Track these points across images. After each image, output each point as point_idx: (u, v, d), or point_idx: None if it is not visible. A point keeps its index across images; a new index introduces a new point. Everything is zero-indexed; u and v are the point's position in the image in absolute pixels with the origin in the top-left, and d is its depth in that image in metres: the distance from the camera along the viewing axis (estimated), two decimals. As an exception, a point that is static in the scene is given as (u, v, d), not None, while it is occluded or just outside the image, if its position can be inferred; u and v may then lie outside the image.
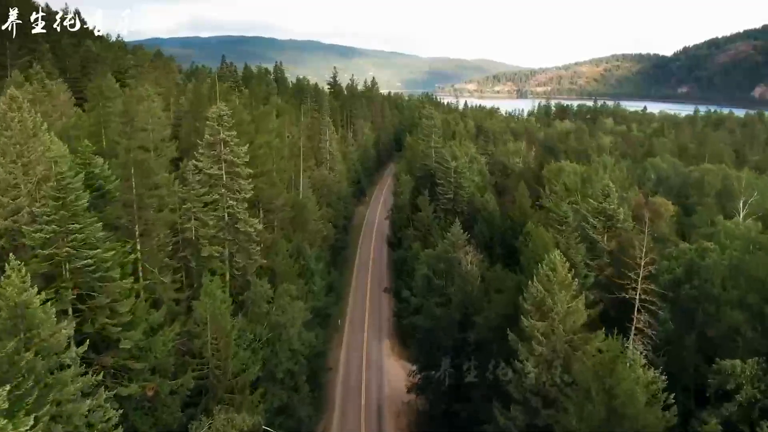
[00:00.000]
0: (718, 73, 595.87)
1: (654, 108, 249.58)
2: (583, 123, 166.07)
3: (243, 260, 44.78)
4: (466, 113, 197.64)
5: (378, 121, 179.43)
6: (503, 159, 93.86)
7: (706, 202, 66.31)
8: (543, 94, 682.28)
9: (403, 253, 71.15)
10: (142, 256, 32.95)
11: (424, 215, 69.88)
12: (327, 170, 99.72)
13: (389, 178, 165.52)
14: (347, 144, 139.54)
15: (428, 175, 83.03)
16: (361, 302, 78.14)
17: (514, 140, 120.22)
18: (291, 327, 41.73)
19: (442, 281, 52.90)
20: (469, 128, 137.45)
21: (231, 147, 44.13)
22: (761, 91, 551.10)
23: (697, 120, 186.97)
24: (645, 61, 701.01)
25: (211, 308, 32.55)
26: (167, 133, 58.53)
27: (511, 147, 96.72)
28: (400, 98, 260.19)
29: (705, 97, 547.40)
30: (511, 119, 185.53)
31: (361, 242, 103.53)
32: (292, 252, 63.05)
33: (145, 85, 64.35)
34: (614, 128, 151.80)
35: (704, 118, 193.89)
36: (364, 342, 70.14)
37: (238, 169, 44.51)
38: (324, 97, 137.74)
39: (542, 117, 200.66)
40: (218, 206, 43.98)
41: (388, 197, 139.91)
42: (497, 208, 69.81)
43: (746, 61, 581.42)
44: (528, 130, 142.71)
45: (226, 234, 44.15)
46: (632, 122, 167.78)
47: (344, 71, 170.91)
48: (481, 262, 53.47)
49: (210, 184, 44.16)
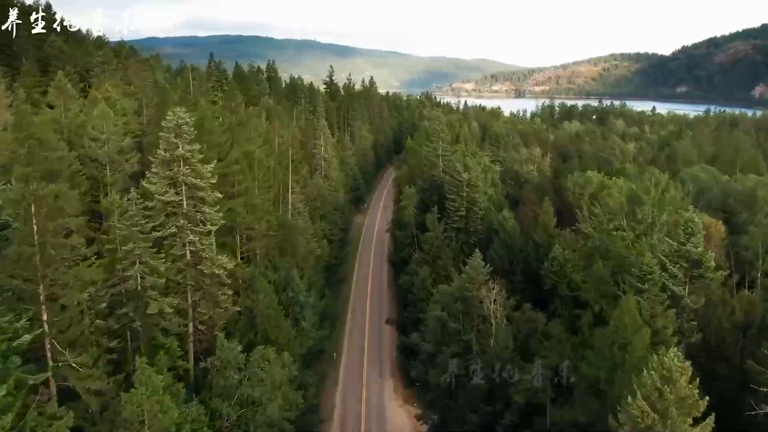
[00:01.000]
0: (717, 72, 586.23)
1: (652, 107, 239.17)
2: (592, 124, 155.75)
3: (208, 310, 34.61)
4: (468, 114, 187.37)
5: (377, 123, 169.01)
6: (516, 167, 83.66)
7: (758, 220, 56.18)
8: (541, 93, 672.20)
9: (408, 279, 60.96)
10: (49, 330, 22.84)
11: (432, 236, 59.74)
12: (322, 178, 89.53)
13: (389, 182, 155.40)
14: (344, 148, 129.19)
15: (435, 187, 72.79)
16: (359, 332, 67.91)
17: (524, 144, 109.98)
18: (269, 402, 31.56)
19: (458, 325, 42.96)
20: (474, 131, 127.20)
21: (193, 165, 33.91)
22: (761, 90, 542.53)
23: (710, 121, 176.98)
24: (643, 60, 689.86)
25: (148, 404, 22.49)
26: (128, 143, 48.20)
27: (524, 153, 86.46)
28: (399, 98, 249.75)
29: (704, 97, 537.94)
30: (517, 121, 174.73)
31: (360, 257, 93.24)
32: (280, 282, 52.94)
33: (105, 85, 54.14)
34: (627, 130, 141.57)
35: (716, 119, 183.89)
36: (363, 381, 59.93)
37: (202, 194, 34.29)
38: (319, 98, 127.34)
39: (547, 117, 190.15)
40: (176, 242, 33.76)
41: (388, 203, 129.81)
42: (517, 228, 59.74)
43: (745, 61, 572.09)
44: (538, 133, 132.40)
45: (186, 278, 33.95)
46: (644, 124, 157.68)
47: (341, 71, 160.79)
48: (506, 299, 43.55)
49: (166, 213, 33.96)
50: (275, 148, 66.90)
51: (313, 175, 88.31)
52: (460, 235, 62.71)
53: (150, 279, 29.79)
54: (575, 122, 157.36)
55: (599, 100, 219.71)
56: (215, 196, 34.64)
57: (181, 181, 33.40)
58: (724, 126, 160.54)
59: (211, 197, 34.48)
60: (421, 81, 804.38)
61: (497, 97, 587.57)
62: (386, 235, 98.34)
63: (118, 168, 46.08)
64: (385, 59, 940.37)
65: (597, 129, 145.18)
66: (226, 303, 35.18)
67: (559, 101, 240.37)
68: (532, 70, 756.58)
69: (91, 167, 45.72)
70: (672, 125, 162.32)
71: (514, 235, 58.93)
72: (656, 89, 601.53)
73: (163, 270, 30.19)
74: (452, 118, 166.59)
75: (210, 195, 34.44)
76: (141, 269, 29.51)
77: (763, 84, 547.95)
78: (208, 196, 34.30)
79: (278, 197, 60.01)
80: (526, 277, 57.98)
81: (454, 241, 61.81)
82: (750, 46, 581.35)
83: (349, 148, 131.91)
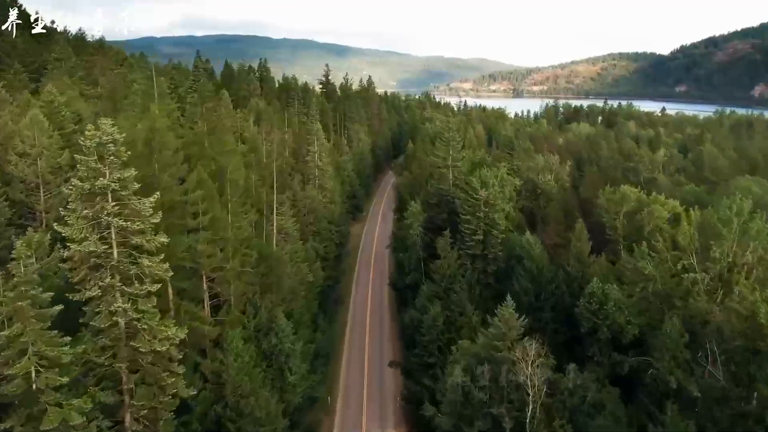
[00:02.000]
0: (717, 71, 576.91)
1: (655, 107, 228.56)
2: (602, 126, 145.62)
3: (148, 401, 24.59)
4: (471, 115, 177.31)
5: (375, 124, 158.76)
6: (533, 177, 73.60)
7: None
8: (539, 93, 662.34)
9: (416, 315, 50.93)
10: None
11: (444, 264, 49.75)
12: (315, 189, 79.45)
13: (388, 186, 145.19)
14: (341, 152, 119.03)
15: (445, 202, 62.80)
16: (357, 373, 57.91)
17: (535, 150, 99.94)
18: None
19: (484, 394, 33.14)
20: (480, 135, 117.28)
21: (124, 200, 23.89)
22: (761, 90, 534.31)
23: (724, 122, 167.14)
24: (642, 60, 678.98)
25: None
26: (68, 158, 38.02)
27: (540, 161, 76.37)
28: (398, 98, 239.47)
29: (703, 96, 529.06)
30: (524, 122, 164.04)
31: (357, 276, 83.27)
32: (262, 326, 42.97)
33: (49, 84, 44.03)
34: (641, 133, 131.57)
35: (729, 119, 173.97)
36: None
37: (139, 240, 24.26)
38: (313, 99, 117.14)
39: (552, 119, 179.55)
40: (100, 310, 23.72)
41: (387, 211, 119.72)
42: (544, 255, 49.83)
43: (745, 60, 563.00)
44: (548, 136, 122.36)
45: (116, 358, 23.94)
46: (657, 125, 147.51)
47: (339, 70, 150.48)
48: (544, 359, 33.77)
49: (89, 267, 23.95)
50: (263, 157, 56.96)
51: (305, 185, 78.35)
52: (476, 263, 52.68)
53: (48, 376, 19.81)
54: (583, 124, 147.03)
55: (604, 100, 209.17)
56: (158, 242, 24.57)
57: (106, 222, 23.36)
58: (740, 128, 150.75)
59: (152, 243, 24.43)
60: (419, 80, 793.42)
61: (495, 97, 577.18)
62: (386, 249, 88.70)
63: (53, 191, 36.01)
64: (382, 59, 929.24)
65: (610, 132, 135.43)
66: (174, 387, 25.15)
67: (563, 101, 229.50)
68: (530, 70, 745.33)
69: (16, 190, 35.71)
70: (690, 127, 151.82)
71: (541, 263, 49.00)
72: (655, 89, 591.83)
73: (69, 360, 20.19)
74: (456, 119, 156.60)
75: (151, 240, 24.38)
76: (33, 363, 19.53)
77: (763, 83, 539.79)
78: (147, 242, 24.24)
79: (262, 218, 50.05)
80: (557, 314, 48.17)
81: (469, 270, 51.80)
82: (749, 46, 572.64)
83: (346, 153, 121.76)
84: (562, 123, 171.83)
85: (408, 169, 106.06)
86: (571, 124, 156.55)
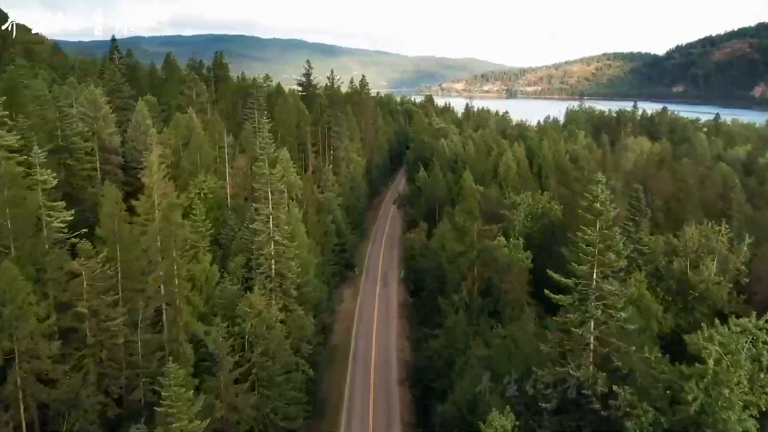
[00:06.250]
0: (714, 71, 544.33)
1: (655, 107, 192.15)
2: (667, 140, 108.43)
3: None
4: (487, 122, 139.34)
5: (370, 137, 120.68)
6: (683, 277, 36.95)
7: None
8: (533, 93, 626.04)
9: None
10: None
11: None
12: (269, 292, 41.86)
13: (388, 218, 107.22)
14: (323, 183, 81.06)
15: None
16: None
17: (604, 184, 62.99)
18: None
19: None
20: (521, 157, 79.60)
21: None
22: (762, 90, 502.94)
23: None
24: (637, 59, 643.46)
25: None
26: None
27: (693, 238, 39.36)
28: (392, 100, 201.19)
29: (702, 97, 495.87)
30: (555, 132, 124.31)
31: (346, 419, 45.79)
32: None
33: None
34: (723, 153, 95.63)
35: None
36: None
37: None
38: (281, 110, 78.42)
39: (585, 127, 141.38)
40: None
41: (389, 262, 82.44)
42: None
43: (743, 59, 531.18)
44: (605, 159, 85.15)
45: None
46: (733, 137, 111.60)
47: (328, 70, 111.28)
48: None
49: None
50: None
51: (257, 269, 40.85)
52: None
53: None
54: (641, 138, 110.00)
55: (634, 102, 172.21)
56: None
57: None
58: None
59: None
60: (410, 81, 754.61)
61: (489, 98, 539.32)
62: (393, 341, 54.01)
63: None
64: (372, 58, 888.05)
65: (680, 147, 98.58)
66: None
67: (587, 104, 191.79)
68: (524, 70, 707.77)
69: None
70: (748, 144, 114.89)
71: None
72: (651, 89, 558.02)
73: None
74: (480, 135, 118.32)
75: None
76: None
77: (763, 83, 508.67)
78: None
79: None
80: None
81: None
82: (747, 45, 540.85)
83: (331, 183, 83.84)
84: (599, 133, 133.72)
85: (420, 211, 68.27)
86: (619, 137, 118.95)
